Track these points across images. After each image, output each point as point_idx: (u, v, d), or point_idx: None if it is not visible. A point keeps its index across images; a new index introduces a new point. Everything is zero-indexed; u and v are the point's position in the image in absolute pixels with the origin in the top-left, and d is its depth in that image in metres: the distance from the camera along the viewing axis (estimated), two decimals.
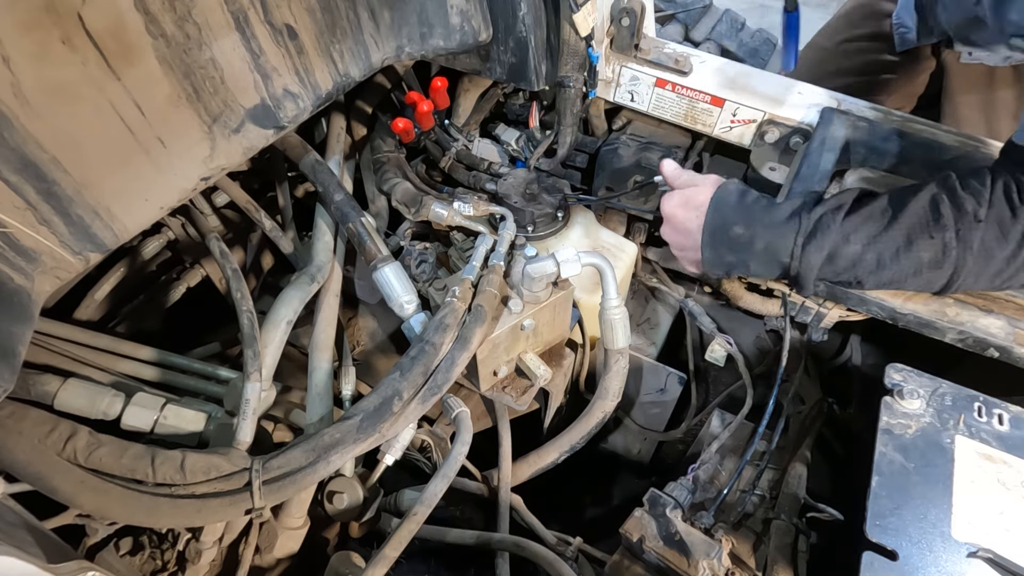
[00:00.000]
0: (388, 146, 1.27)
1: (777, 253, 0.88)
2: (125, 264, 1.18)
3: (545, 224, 1.19)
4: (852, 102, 1.14)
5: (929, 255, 0.82)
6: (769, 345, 1.39)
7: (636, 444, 1.42)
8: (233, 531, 0.95)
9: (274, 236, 1.16)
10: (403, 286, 0.99)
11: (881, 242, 0.83)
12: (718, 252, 0.93)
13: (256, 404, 0.89)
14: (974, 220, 0.79)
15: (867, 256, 0.84)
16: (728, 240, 0.91)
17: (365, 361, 1.26)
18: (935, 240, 0.81)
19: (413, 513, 0.88)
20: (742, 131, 1.19)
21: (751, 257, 0.90)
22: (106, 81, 0.69)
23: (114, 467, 0.77)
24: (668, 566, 0.90)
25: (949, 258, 0.81)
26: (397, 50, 1.06)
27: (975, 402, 0.92)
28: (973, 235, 0.80)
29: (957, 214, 0.80)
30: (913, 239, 0.82)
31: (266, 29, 0.84)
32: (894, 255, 0.83)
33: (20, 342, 0.66)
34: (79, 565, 0.64)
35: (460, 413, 1.00)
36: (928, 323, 0.99)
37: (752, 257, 0.90)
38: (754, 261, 0.90)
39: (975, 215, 0.79)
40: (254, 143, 0.89)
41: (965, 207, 0.80)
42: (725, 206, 0.92)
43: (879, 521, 0.81)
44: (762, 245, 0.89)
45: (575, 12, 1.01)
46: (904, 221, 0.82)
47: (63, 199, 0.69)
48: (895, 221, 0.82)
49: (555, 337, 1.11)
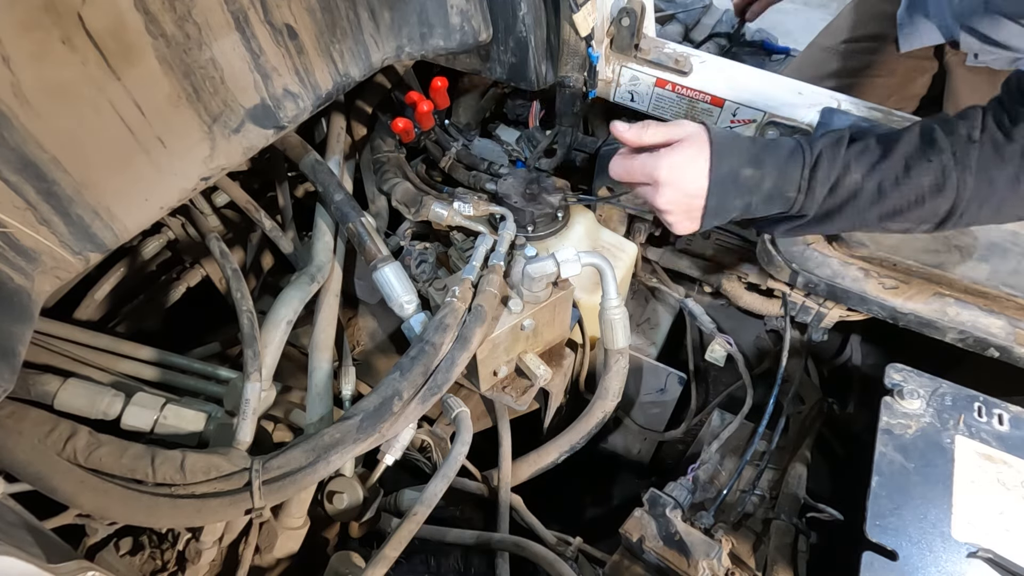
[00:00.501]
0: (388, 146, 1.27)
1: (784, 188, 0.86)
2: (125, 264, 1.18)
3: (545, 224, 1.19)
4: (852, 102, 1.14)
5: (929, 179, 0.81)
6: (769, 345, 1.39)
7: (636, 444, 1.42)
8: (233, 531, 0.95)
9: (274, 236, 1.16)
10: (403, 286, 0.99)
11: (880, 170, 0.83)
12: (724, 199, 0.88)
13: (256, 404, 0.89)
14: (968, 141, 0.80)
15: (868, 185, 0.83)
16: (736, 184, 0.87)
17: (365, 361, 1.26)
18: (933, 163, 0.81)
19: (413, 513, 0.88)
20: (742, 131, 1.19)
21: (756, 196, 0.88)
22: (106, 81, 0.69)
23: (114, 467, 0.77)
24: (668, 566, 0.90)
25: (950, 180, 0.80)
26: (397, 50, 1.06)
27: (975, 402, 0.92)
28: (970, 155, 0.80)
29: (951, 137, 0.80)
30: (911, 164, 0.82)
31: (266, 29, 0.84)
32: (894, 183, 0.82)
33: (20, 342, 0.66)
34: (79, 565, 0.64)
35: (460, 413, 1.00)
36: (928, 323, 0.99)
37: (757, 196, 0.87)
38: (758, 200, 0.88)
39: (969, 136, 0.80)
40: (254, 143, 0.89)
41: (958, 130, 0.80)
42: (729, 151, 0.88)
43: (879, 521, 0.81)
44: (770, 183, 0.86)
45: (575, 12, 1.01)
46: (901, 149, 0.82)
47: (63, 199, 0.69)
48: (892, 150, 0.83)
49: (555, 337, 1.11)
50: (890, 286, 1.02)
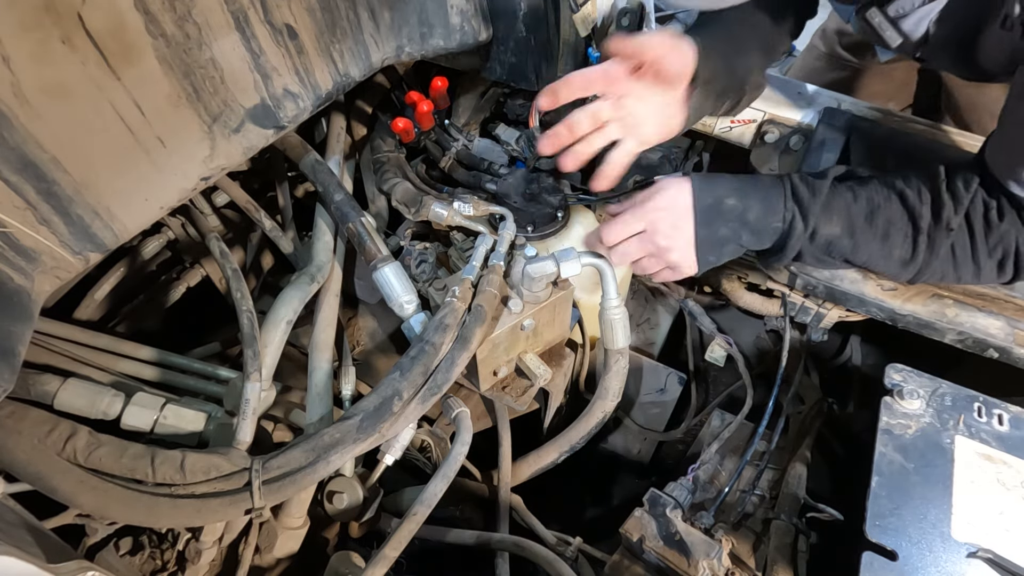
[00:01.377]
0: (388, 146, 1.27)
1: (770, 220, 0.90)
2: (125, 264, 1.18)
3: (545, 224, 1.19)
4: (852, 102, 1.14)
5: (900, 252, 0.87)
6: (769, 345, 1.39)
7: (636, 444, 1.42)
8: (233, 531, 0.95)
9: (274, 236, 1.16)
10: (403, 286, 0.99)
11: (860, 232, 0.88)
12: (712, 228, 0.91)
13: (256, 404, 0.89)
14: (946, 229, 0.84)
15: (844, 241, 0.89)
16: (721, 213, 0.91)
17: (365, 361, 1.26)
18: (907, 240, 0.87)
19: (413, 513, 0.88)
20: (742, 131, 1.19)
21: (744, 229, 0.91)
22: (106, 81, 0.69)
23: (114, 467, 0.77)
24: (668, 566, 0.90)
25: (916, 260, 0.87)
26: (397, 50, 1.06)
27: (975, 402, 0.92)
28: (942, 243, 0.85)
29: (932, 221, 0.85)
30: (889, 235, 0.87)
31: (266, 29, 0.84)
32: (867, 245, 0.88)
33: (20, 342, 0.66)
34: (79, 565, 0.64)
35: (460, 413, 1.00)
36: (927, 324, 0.99)
37: (745, 228, 0.91)
38: (746, 231, 0.91)
39: (948, 224, 0.84)
40: (254, 143, 0.89)
41: (942, 214, 0.84)
42: (709, 184, 0.92)
43: (879, 521, 0.81)
44: (754, 215, 0.90)
45: (575, 12, 1.01)
46: (884, 215, 0.87)
47: (63, 199, 0.69)
48: (875, 215, 0.87)
49: (555, 337, 1.11)
50: (888, 287, 1.02)
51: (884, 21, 0.92)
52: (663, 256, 0.95)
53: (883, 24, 0.92)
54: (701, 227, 0.91)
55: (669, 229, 0.93)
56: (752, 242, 0.93)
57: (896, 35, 0.93)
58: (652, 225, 0.93)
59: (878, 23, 0.93)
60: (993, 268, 0.86)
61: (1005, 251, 0.84)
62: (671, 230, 0.93)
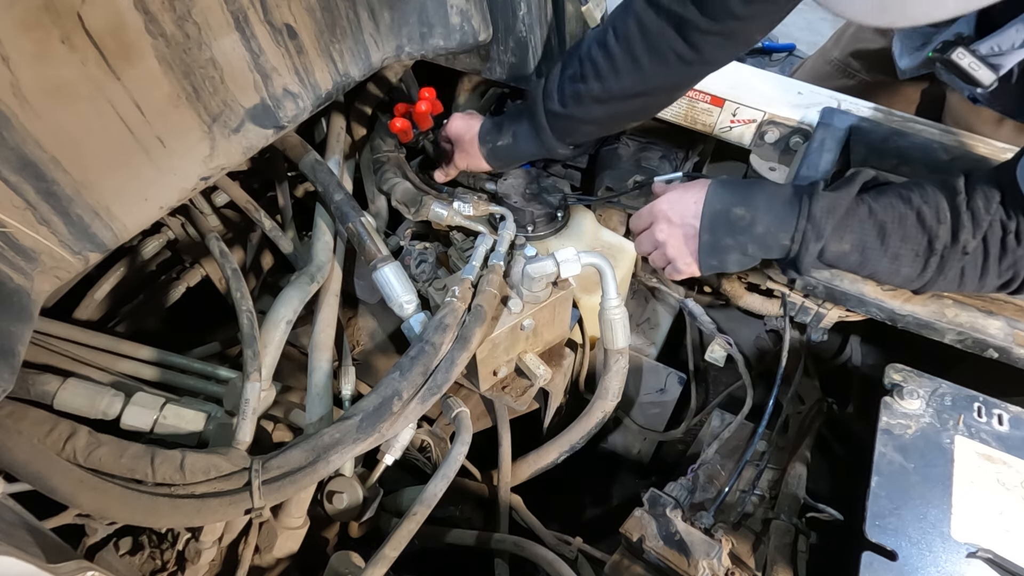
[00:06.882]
0: (388, 146, 1.27)
1: (778, 236, 0.89)
2: (125, 264, 1.18)
3: (545, 224, 1.19)
4: (852, 102, 1.14)
5: (908, 271, 0.86)
6: (769, 345, 1.39)
7: (636, 444, 1.42)
8: (233, 531, 0.95)
9: (274, 236, 1.16)
10: (403, 286, 0.99)
11: (870, 250, 0.86)
12: (716, 236, 0.93)
13: (256, 404, 0.89)
14: (962, 253, 0.82)
15: (852, 257, 0.88)
16: (728, 222, 0.91)
17: (365, 361, 1.26)
18: (918, 259, 0.85)
19: (413, 513, 0.88)
20: (742, 131, 1.19)
21: (750, 240, 0.91)
22: (106, 81, 0.69)
23: (113, 467, 0.77)
24: (668, 566, 0.90)
25: (923, 278, 0.86)
26: (397, 50, 1.06)
27: (975, 402, 0.92)
28: (954, 266, 0.83)
29: (950, 243, 0.82)
30: (900, 255, 0.85)
31: (266, 29, 0.84)
32: (876, 263, 0.87)
33: (20, 342, 0.66)
34: (79, 565, 0.64)
35: (460, 413, 1.00)
36: (927, 324, 0.99)
37: (751, 240, 0.91)
38: (753, 243, 0.91)
39: (964, 247, 0.82)
40: (254, 143, 0.89)
41: (959, 236, 0.81)
42: (723, 190, 0.93)
43: (879, 521, 0.81)
44: (763, 227, 0.89)
45: (584, 5, 1.01)
46: (898, 234, 0.84)
47: (63, 199, 0.69)
48: (889, 234, 0.85)
49: (555, 337, 1.11)
50: (888, 288, 1.02)
51: (975, 61, 0.89)
52: (663, 252, 0.99)
53: (974, 64, 0.90)
54: (704, 232, 0.93)
55: (669, 227, 0.97)
56: (759, 253, 0.92)
57: (989, 73, 0.88)
58: (657, 221, 0.98)
59: (968, 64, 0.90)
60: (997, 286, 0.85)
61: (1015, 274, 0.82)
62: (671, 228, 0.97)
